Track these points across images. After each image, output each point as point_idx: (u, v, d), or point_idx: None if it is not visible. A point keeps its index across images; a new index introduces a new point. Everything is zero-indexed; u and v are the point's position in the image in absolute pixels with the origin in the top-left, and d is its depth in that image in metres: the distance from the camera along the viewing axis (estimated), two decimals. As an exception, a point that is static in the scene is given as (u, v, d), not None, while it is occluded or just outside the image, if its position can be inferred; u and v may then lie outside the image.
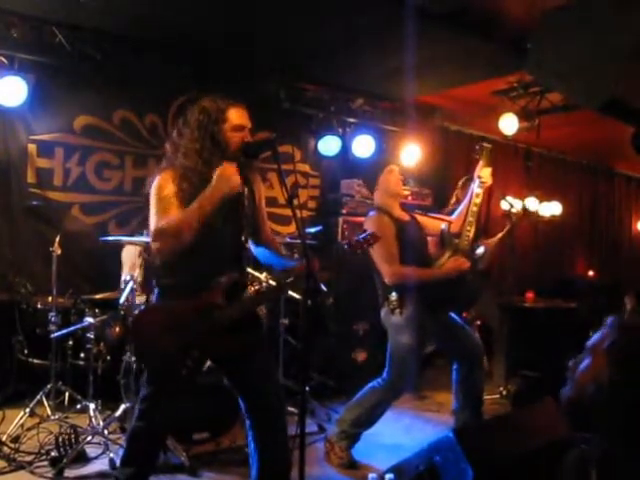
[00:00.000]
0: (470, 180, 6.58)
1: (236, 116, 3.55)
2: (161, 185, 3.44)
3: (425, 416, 6.65)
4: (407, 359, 5.04)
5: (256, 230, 3.82)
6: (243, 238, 3.70)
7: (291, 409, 5.66)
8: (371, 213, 5.18)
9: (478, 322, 7.47)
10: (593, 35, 4.17)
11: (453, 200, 6.89)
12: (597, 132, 8.86)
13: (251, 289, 3.73)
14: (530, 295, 9.40)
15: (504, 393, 7.21)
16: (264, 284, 3.98)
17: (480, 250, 5.55)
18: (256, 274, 4.89)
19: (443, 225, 5.25)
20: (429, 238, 5.36)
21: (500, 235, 5.71)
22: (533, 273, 11.06)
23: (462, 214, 5.31)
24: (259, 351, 3.69)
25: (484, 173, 5.22)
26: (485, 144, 5.34)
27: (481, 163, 5.27)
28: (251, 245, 3.84)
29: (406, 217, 5.21)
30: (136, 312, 3.75)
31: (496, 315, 8.22)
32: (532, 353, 8.10)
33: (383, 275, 5.00)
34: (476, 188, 5.21)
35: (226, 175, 3.43)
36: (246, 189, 3.68)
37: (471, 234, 5.16)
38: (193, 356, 3.42)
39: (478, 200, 5.20)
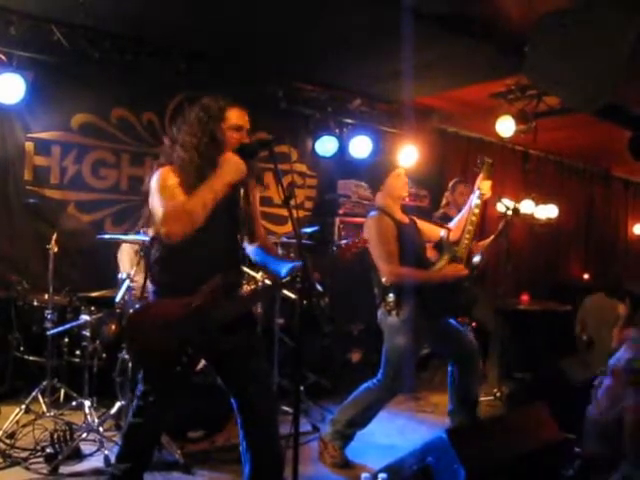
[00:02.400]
0: (459, 183, 6.67)
1: (235, 116, 3.57)
2: (164, 177, 3.43)
3: (419, 417, 6.67)
4: (402, 361, 5.06)
5: (250, 230, 3.83)
6: (239, 237, 3.72)
7: (285, 408, 5.70)
8: (372, 213, 5.19)
9: (473, 324, 7.48)
10: (591, 39, 4.18)
11: (444, 202, 6.92)
12: (594, 135, 8.89)
13: (246, 288, 3.73)
14: (525, 298, 9.41)
15: (498, 395, 7.22)
16: (260, 283, 3.99)
17: (477, 259, 5.58)
18: (252, 273, 4.90)
19: (442, 232, 5.28)
20: (427, 244, 5.39)
21: (494, 236, 5.74)
22: (528, 276, 11.09)
23: (461, 223, 5.37)
24: (253, 350, 3.71)
25: (484, 186, 5.29)
26: (486, 158, 5.40)
27: (481, 176, 5.32)
28: (245, 245, 3.86)
29: (406, 220, 5.23)
30: (131, 310, 3.75)
31: (491, 317, 8.22)
32: (527, 355, 8.13)
33: (381, 274, 5.01)
34: (475, 199, 5.26)
35: (233, 161, 3.45)
36: (241, 189, 3.70)
37: (469, 243, 5.20)
38: (188, 353, 3.44)
39: (477, 211, 5.27)
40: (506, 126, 8.12)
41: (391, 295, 5.01)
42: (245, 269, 3.98)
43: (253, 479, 3.67)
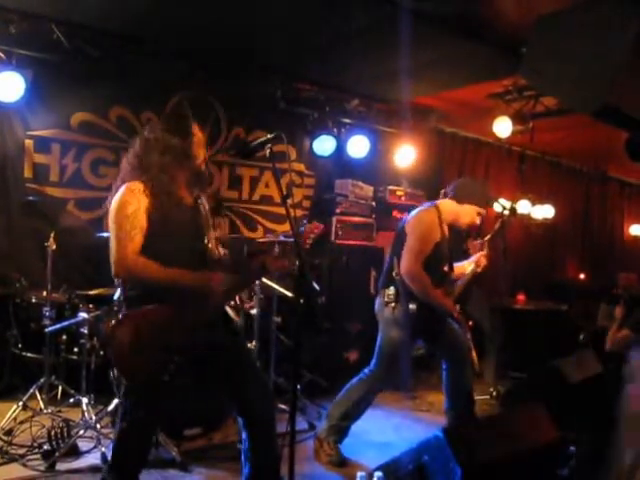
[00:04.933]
0: None
1: (198, 134, 3.67)
2: (125, 199, 3.47)
3: (415, 415, 6.69)
4: (395, 354, 5.10)
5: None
6: (206, 239, 3.75)
7: (282, 407, 5.72)
8: (430, 207, 5.22)
9: (470, 323, 7.51)
10: (589, 40, 4.19)
11: None
12: (591, 136, 8.89)
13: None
14: (521, 297, 9.46)
15: (494, 394, 7.25)
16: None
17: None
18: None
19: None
20: None
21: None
22: (525, 275, 11.11)
23: (463, 268, 5.49)
24: (237, 347, 3.76)
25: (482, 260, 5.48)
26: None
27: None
28: None
29: (447, 234, 5.23)
30: (112, 322, 3.74)
31: (487, 317, 8.25)
32: (522, 355, 8.15)
33: (402, 263, 4.98)
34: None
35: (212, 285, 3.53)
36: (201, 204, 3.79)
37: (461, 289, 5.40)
38: (174, 360, 3.44)
39: (479, 270, 5.45)
40: (503, 126, 8.14)
41: (392, 288, 5.04)
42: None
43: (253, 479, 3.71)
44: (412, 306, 4.98)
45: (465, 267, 5.48)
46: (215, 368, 3.72)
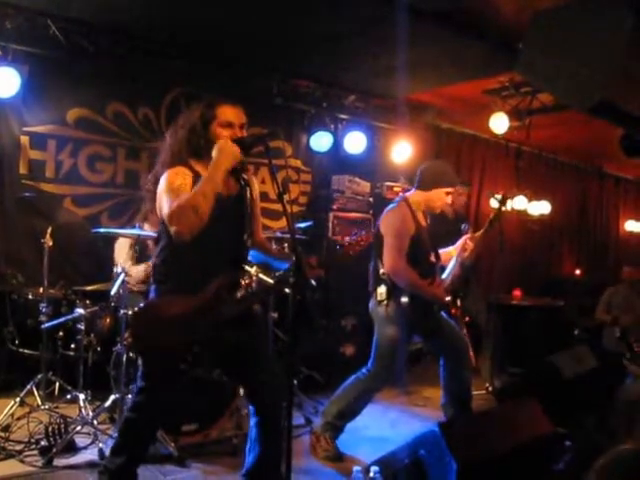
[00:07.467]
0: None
1: (225, 113, 3.60)
2: (172, 179, 3.45)
3: (411, 410, 6.69)
4: (392, 352, 5.09)
5: (250, 230, 3.86)
6: (245, 237, 3.74)
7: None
8: (400, 203, 5.20)
9: (466, 319, 7.52)
10: (585, 36, 4.19)
11: None
12: (587, 133, 8.92)
13: (245, 285, 3.76)
14: (518, 293, 9.46)
15: (490, 389, 7.26)
16: (254, 278, 4.01)
17: (447, 272, 5.63)
18: (246, 268, 4.92)
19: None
20: None
21: (483, 230, 5.78)
22: (521, 271, 11.14)
23: (449, 255, 5.50)
24: (256, 342, 3.77)
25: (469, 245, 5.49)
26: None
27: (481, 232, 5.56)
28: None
29: (424, 223, 5.24)
30: (140, 305, 3.76)
31: (484, 312, 8.26)
32: (519, 350, 8.17)
33: (385, 263, 5.01)
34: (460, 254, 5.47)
35: (227, 148, 3.47)
36: (248, 188, 3.75)
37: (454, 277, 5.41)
38: (194, 351, 3.46)
39: (466, 254, 5.46)
40: (500, 123, 8.16)
41: (383, 286, 5.05)
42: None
43: (256, 467, 3.73)
44: (404, 299, 4.99)
45: (451, 252, 5.49)
46: (231, 359, 3.76)
